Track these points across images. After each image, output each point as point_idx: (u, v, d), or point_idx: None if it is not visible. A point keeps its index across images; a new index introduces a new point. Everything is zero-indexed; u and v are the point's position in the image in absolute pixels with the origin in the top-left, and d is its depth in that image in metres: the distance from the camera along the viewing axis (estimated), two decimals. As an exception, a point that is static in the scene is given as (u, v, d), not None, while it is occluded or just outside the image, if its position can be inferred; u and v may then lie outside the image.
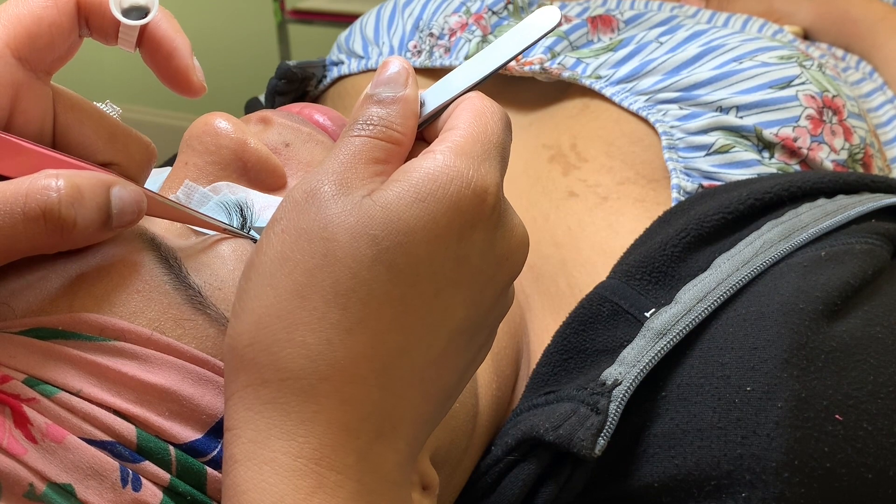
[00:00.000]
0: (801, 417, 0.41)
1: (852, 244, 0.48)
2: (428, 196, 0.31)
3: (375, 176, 0.33)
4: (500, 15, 0.71)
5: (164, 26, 0.36)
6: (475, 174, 0.32)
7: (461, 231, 0.32)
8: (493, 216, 0.33)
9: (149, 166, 0.38)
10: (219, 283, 0.36)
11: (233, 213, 0.40)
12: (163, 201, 0.36)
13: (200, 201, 0.39)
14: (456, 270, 0.33)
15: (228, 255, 0.37)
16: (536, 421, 0.44)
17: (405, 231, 0.31)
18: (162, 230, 0.39)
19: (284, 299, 0.31)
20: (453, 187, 0.32)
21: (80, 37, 0.35)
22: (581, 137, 0.61)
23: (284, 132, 0.43)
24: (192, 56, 0.36)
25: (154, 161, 0.39)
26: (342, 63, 0.75)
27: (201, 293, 0.36)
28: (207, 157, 0.41)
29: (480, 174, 0.32)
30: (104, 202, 0.32)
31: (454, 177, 0.32)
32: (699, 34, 0.63)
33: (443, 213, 0.31)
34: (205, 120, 0.42)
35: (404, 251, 0.31)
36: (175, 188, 0.40)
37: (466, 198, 0.32)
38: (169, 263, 0.36)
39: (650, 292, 0.48)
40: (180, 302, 0.35)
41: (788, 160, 0.57)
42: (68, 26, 0.34)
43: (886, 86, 0.74)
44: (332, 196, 0.32)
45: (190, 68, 0.36)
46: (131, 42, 0.35)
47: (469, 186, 0.32)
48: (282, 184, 0.42)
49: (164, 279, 0.35)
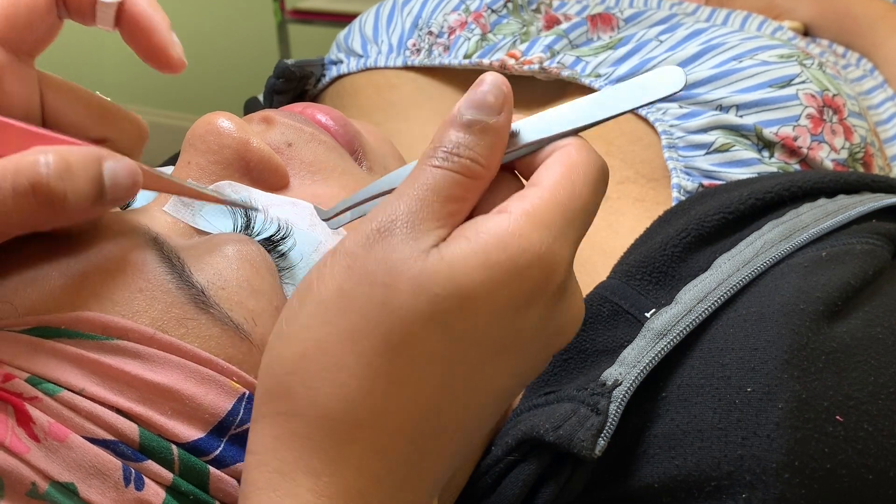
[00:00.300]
0: (801, 418, 0.41)
1: (853, 244, 0.48)
2: (495, 265, 0.30)
3: (450, 217, 0.31)
4: (499, 13, 0.71)
5: (142, 3, 0.35)
6: (548, 250, 0.31)
7: (521, 304, 0.31)
8: (557, 293, 0.32)
9: (141, 142, 0.38)
10: (222, 283, 0.36)
11: (237, 212, 0.40)
12: (158, 174, 0.36)
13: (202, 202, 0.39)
14: (508, 341, 0.32)
15: (233, 255, 0.37)
16: (536, 421, 0.44)
17: (466, 296, 0.30)
18: (165, 229, 0.39)
19: (334, 337, 0.30)
20: (523, 260, 0.30)
21: (60, 18, 0.35)
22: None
23: (287, 132, 0.44)
24: (171, 32, 0.35)
25: (146, 139, 0.38)
26: (341, 62, 0.75)
27: (205, 293, 0.36)
28: (210, 156, 0.41)
29: (553, 250, 0.31)
30: (96, 175, 0.31)
31: (526, 248, 0.30)
32: (699, 32, 0.63)
33: (506, 285, 0.30)
34: (208, 119, 0.42)
35: (462, 316, 0.30)
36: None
37: (534, 273, 0.31)
38: (172, 262, 0.36)
39: (650, 292, 0.48)
40: (183, 301, 0.35)
41: (788, 159, 0.57)
42: (45, 6, 0.34)
43: (887, 83, 0.74)
44: (403, 240, 0.30)
45: (169, 43, 0.35)
46: (109, 20, 0.35)
47: (540, 261, 0.30)
48: (284, 183, 0.42)
49: (167, 278, 0.35)
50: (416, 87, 0.70)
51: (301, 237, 0.39)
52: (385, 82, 0.71)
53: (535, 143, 0.34)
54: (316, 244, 0.39)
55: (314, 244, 0.39)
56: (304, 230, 0.39)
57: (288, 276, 0.38)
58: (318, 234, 0.39)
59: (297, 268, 0.38)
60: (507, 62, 0.65)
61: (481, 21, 0.70)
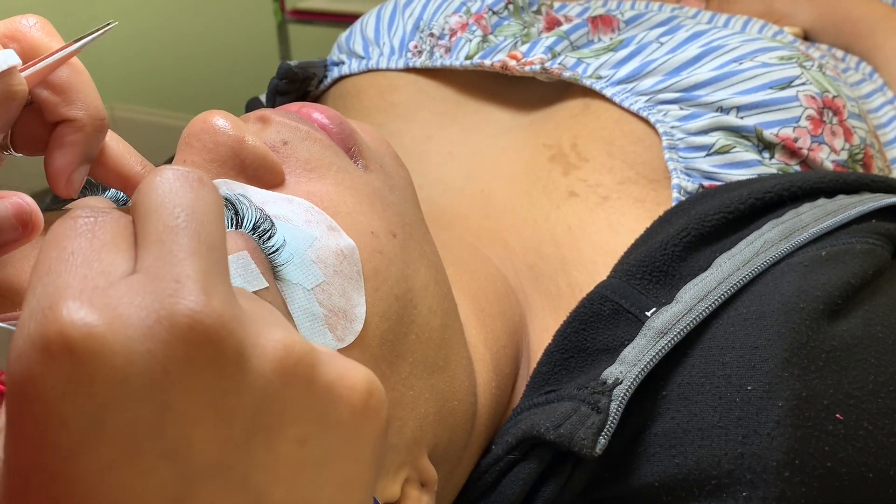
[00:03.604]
0: (801, 416, 0.41)
1: (853, 244, 0.48)
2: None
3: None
4: (500, 15, 0.71)
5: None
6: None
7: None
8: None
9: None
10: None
11: (226, 208, 0.40)
12: (39, 68, 0.35)
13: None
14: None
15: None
16: (537, 420, 0.44)
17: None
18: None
19: None
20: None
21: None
22: (581, 137, 0.61)
23: (282, 130, 0.43)
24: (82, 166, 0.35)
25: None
26: (343, 63, 0.76)
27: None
28: (205, 154, 0.41)
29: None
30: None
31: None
32: (699, 35, 0.63)
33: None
34: (203, 118, 0.42)
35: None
36: None
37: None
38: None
39: (651, 291, 0.48)
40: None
41: (789, 160, 0.57)
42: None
43: (886, 87, 0.74)
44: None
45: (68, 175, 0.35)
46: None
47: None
48: (280, 181, 0.42)
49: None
50: (417, 88, 0.71)
51: (296, 233, 0.38)
52: (387, 84, 0.72)
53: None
54: (311, 240, 0.38)
55: (309, 240, 0.38)
56: (299, 226, 0.39)
57: (283, 273, 0.38)
58: (314, 230, 0.39)
59: (291, 264, 0.38)
60: (509, 63, 0.66)
61: (482, 23, 0.70)
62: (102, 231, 0.26)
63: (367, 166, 0.45)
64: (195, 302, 0.23)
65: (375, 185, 0.44)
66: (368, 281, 0.39)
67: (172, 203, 0.26)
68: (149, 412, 0.23)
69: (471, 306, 0.50)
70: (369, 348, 0.39)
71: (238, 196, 0.39)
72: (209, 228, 0.26)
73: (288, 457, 0.25)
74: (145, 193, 0.27)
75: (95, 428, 0.22)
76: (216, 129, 0.41)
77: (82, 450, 0.22)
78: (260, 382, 0.24)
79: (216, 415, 0.23)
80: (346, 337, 0.38)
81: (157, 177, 0.27)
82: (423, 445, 0.42)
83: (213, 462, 0.23)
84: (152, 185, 0.27)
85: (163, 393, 0.23)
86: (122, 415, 0.22)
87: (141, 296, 0.23)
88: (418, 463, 0.41)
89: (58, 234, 0.25)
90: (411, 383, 0.41)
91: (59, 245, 0.25)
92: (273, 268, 0.37)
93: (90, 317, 0.22)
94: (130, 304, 0.23)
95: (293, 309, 0.37)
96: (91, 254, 0.25)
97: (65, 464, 0.22)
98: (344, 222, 0.40)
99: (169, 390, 0.23)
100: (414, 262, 0.43)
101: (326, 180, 0.42)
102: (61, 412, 0.22)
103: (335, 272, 0.38)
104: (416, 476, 0.41)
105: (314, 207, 0.40)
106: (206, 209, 0.26)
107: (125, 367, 0.22)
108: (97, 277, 0.24)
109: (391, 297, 0.40)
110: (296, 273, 0.37)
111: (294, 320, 0.37)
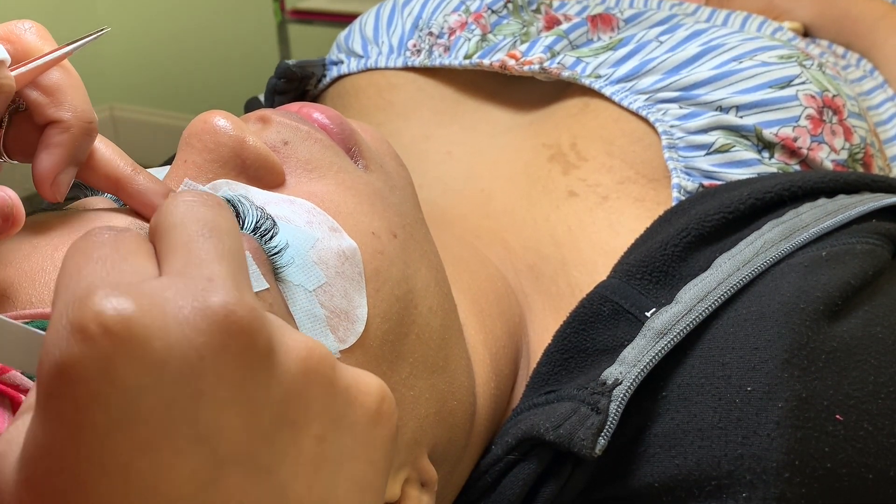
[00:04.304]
0: (801, 417, 0.41)
1: (853, 244, 0.48)
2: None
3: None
4: (499, 14, 0.71)
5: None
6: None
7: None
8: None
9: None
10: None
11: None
12: (25, 70, 0.35)
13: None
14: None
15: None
16: (537, 420, 0.44)
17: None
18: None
19: None
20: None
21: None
22: (581, 137, 0.61)
23: (283, 130, 0.43)
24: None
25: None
26: (342, 62, 0.75)
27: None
28: (206, 154, 0.41)
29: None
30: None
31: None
32: (699, 33, 0.63)
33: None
34: (203, 118, 0.42)
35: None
36: (175, 186, 0.40)
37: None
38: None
39: (651, 292, 0.48)
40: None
41: (788, 160, 0.57)
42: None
43: (887, 83, 0.74)
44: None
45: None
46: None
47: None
48: (280, 181, 0.42)
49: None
50: (416, 87, 0.71)
51: (298, 235, 0.38)
52: (386, 83, 0.71)
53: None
54: (313, 242, 0.38)
55: (311, 242, 0.38)
56: (301, 227, 0.39)
57: (284, 275, 0.37)
58: (316, 231, 0.39)
59: (293, 265, 0.37)
60: (508, 62, 0.66)
61: (481, 22, 0.70)
62: (125, 243, 0.27)
63: (368, 166, 0.45)
64: (230, 295, 0.24)
65: (376, 185, 0.44)
66: (370, 282, 0.39)
67: (195, 217, 0.27)
68: (184, 396, 0.23)
69: (471, 306, 0.50)
70: (370, 349, 0.39)
71: (239, 197, 0.39)
72: (231, 240, 0.27)
73: (309, 453, 0.26)
74: (168, 213, 0.28)
75: (133, 409, 0.23)
76: (217, 129, 0.41)
77: (119, 429, 0.23)
78: (286, 377, 0.25)
79: (247, 404, 0.24)
80: (347, 338, 0.38)
81: (177, 198, 0.28)
82: (422, 445, 0.42)
83: (241, 450, 0.24)
84: (174, 204, 0.28)
85: (198, 379, 0.23)
86: (158, 397, 0.23)
87: (173, 290, 0.24)
88: (418, 463, 0.41)
89: (80, 246, 0.26)
90: (411, 384, 0.41)
91: (85, 253, 0.26)
92: (275, 269, 0.37)
93: (126, 304, 0.23)
94: (164, 296, 0.24)
95: (295, 310, 0.37)
96: (118, 259, 0.26)
97: (101, 444, 0.23)
98: (345, 223, 0.40)
99: (204, 377, 0.23)
100: (414, 262, 0.43)
101: (327, 181, 0.42)
102: (100, 392, 0.22)
103: (337, 273, 0.38)
104: (416, 476, 0.41)
105: (316, 208, 0.40)
106: (226, 225, 0.28)
107: (163, 350, 0.23)
108: (128, 276, 0.25)
109: (392, 298, 0.40)
110: (298, 275, 0.37)
111: (296, 322, 0.36)
